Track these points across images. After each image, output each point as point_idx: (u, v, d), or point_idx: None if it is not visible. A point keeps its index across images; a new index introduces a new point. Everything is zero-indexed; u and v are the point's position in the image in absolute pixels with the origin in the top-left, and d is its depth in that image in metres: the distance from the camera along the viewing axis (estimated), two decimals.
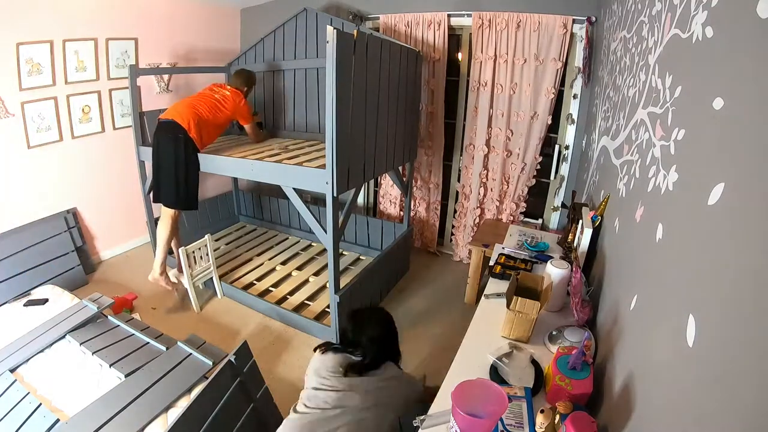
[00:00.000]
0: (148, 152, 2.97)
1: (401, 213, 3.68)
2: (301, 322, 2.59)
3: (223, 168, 2.62)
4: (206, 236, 2.83)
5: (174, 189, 2.60)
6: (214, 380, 1.50)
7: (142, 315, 2.66)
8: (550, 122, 2.87)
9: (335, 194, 2.08)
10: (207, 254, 2.83)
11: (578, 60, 2.73)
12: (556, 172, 3.05)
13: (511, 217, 3.20)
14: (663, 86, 1.02)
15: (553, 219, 3.19)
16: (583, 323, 1.25)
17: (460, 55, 3.17)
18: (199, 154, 2.61)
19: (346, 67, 1.92)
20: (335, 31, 1.78)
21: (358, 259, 3.47)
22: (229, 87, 2.82)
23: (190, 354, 1.89)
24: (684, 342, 0.62)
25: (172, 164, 2.56)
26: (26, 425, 1.55)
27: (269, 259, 3.40)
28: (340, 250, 3.23)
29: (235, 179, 4.08)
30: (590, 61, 2.63)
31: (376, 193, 3.89)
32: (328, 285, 2.40)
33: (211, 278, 2.91)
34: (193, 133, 2.54)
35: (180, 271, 2.81)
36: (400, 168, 3.01)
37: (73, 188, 3.12)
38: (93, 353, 1.88)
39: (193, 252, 2.73)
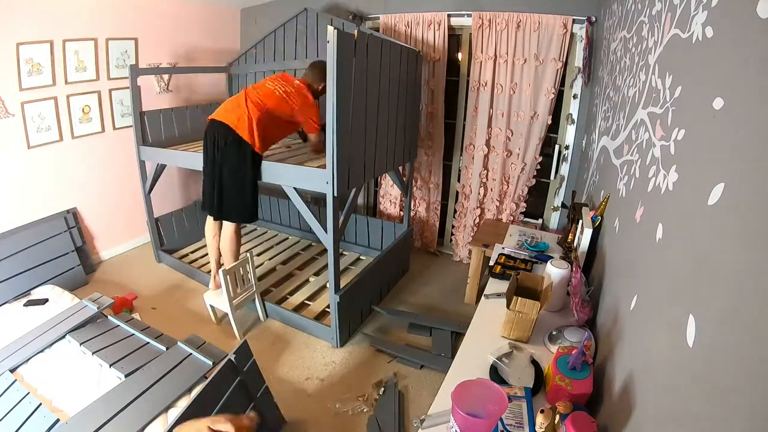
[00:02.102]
0: (148, 152, 2.99)
1: (401, 213, 3.68)
2: (301, 322, 2.59)
3: None
4: (246, 254, 2.54)
5: (246, 201, 2.40)
6: (214, 380, 1.49)
7: (142, 315, 2.66)
8: (550, 122, 2.87)
9: (336, 194, 2.08)
10: (249, 273, 2.54)
11: (578, 60, 2.73)
12: (556, 172, 3.05)
13: (511, 217, 3.20)
14: (663, 86, 1.02)
15: (553, 219, 3.19)
16: (583, 323, 1.25)
17: (460, 55, 3.17)
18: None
19: (346, 68, 1.92)
20: (336, 31, 1.78)
21: (358, 259, 3.47)
22: (298, 80, 2.43)
23: (190, 354, 1.89)
24: (684, 342, 0.62)
25: (241, 176, 2.31)
26: (26, 425, 1.55)
27: (269, 259, 3.40)
28: (340, 250, 3.22)
29: None
30: (590, 61, 2.63)
31: (376, 193, 3.89)
32: (328, 285, 2.40)
33: (254, 300, 2.65)
34: (256, 139, 2.27)
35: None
36: (400, 168, 3.01)
37: (73, 188, 3.12)
38: (93, 353, 1.88)
39: (234, 273, 2.44)
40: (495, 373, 1.11)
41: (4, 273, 2.58)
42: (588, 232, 1.50)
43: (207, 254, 3.29)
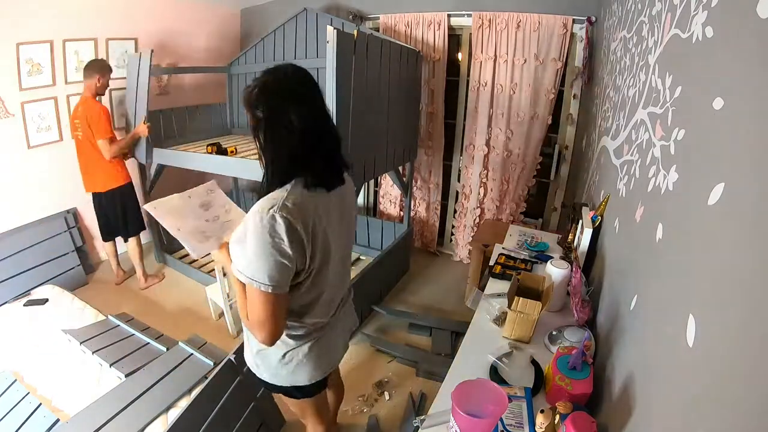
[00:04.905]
0: (148, 152, 2.98)
1: (401, 213, 3.68)
2: None
3: (224, 168, 2.62)
4: None
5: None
6: (214, 380, 1.50)
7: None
8: (550, 122, 2.87)
9: None
10: None
11: (578, 60, 2.73)
12: (556, 172, 3.05)
13: (511, 217, 3.20)
14: (663, 86, 1.02)
15: (553, 219, 3.19)
16: (583, 323, 1.25)
17: (460, 55, 3.17)
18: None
19: (346, 68, 1.92)
20: (335, 31, 1.78)
21: (358, 259, 3.47)
22: (80, 102, 2.60)
23: (191, 354, 1.89)
24: (684, 342, 0.62)
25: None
26: (26, 425, 1.55)
27: None
28: None
29: (235, 179, 4.08)
30: (590, 61, 2.63)
31: (376, 193, 3.89)
32: None
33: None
34: (115, 181, 2.78)
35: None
36: (400, 168, 3.01)
37: (73, 188, 3.10)
38: (93, 353, 1.88)
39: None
40: (495, 373, 1.11)
41: (4, 273, 2.58)
42: (588, 232, 1.50)
43: (206, 254, 3.34)
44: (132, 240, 2.96)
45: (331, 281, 1.09)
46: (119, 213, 2.85)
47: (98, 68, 2.58)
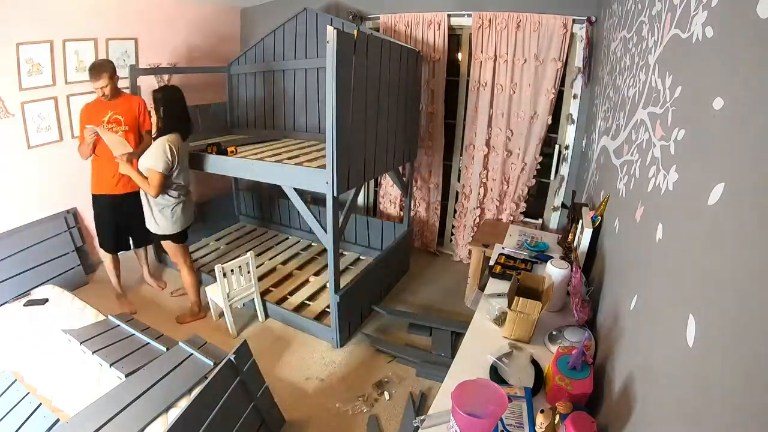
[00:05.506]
0: None
1: (401, 213, 3.68)
2: (301, 322, 2.59)
3: (224, 168, 2.62)
4: (248, 254, 2.58)
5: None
6: (213, 380, 1.50)
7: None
8: (550, 122, 2.87)
9: (335, 194, 2.08)
10: (249, 272, 2.58)
11: (578, 60, 2.73)
12: (556, 172, 3.05)
13: (511, 217, 3.20)
14: (663, 86, 1.02)
15: (553, 219, 3.19)
16: (583, 323, 1.25)
17: (460, 55, 3.17)
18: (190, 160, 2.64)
19: (346, 67, 1.92)
20: (335, 31, 1.78)
21: (358, 259, 3.47)
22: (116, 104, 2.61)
23: (191, 354, 1.88)
24: (684, 342, 0.62)
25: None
26: (26, 425, 1.55)
27: (269, 259, 3.40)
28: (340, 250, 3.22)
29: (235, 179, 4.08)
30: (590, 61, 2.63)
31: (376, 193, 3.89)
32: (328, 285, 2.41)
33: (253, 299, 2.67)
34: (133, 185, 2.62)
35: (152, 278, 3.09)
36: (400, 168, 3.01)
37: (73, 188, 3.11)
38: (93, 353, 1.88)
39: (232, 270, 2.47)
40: (495, 373, 1.12)
41: (4, 273, 2.58)
42: (588, 232, 1.50)
43: (207, 254, 3.37)
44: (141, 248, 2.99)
45: (182, 178, 2.38)
46: (136, 217, 2.62)
47: (110, 69, 2.50)
